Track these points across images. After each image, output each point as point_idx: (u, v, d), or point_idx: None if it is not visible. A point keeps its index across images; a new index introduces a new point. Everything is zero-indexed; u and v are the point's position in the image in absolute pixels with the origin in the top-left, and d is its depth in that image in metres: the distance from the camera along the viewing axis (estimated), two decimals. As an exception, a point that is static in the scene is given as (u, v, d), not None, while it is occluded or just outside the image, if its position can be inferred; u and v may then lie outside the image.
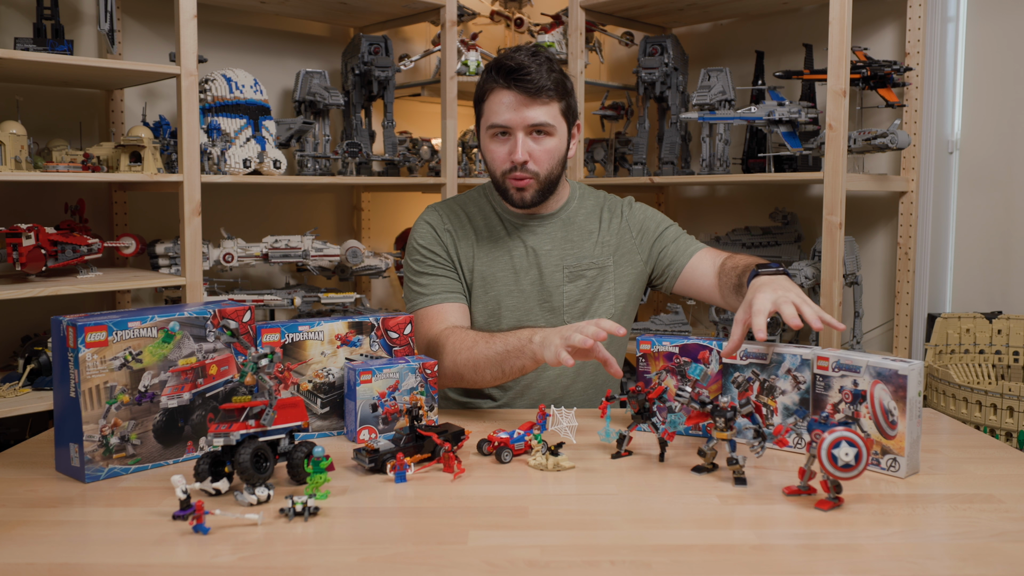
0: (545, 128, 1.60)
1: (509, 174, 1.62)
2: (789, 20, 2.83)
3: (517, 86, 1.57)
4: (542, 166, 1.61)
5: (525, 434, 1.32)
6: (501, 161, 1.62)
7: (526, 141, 1.59)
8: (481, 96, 1.64)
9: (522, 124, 1.58)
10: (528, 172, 1.61)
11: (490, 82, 1.61)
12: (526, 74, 1.56)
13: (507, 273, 1.70)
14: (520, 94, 1.57)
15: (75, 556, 0.97)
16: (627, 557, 0.95)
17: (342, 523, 1.06)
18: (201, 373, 1.29)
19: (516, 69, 1.56)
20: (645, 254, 1.75)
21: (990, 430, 2.09)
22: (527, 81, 1.56)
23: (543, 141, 1.61)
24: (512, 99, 1.58)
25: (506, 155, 1.61)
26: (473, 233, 1.72)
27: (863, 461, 1.07)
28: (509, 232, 1.72)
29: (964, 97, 2.51)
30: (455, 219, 1.74)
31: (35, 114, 2.29)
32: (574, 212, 1.75)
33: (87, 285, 2.04)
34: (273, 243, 2.49)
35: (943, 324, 2.42)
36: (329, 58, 2.99)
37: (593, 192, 1.82)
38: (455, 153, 2.77)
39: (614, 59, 3.36)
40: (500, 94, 1.59)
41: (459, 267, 1.71)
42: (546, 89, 1.57)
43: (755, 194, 2.97)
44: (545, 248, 1.71)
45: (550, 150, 1.62)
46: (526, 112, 1.58)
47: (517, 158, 1.58)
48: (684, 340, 1.44)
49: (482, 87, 1.64)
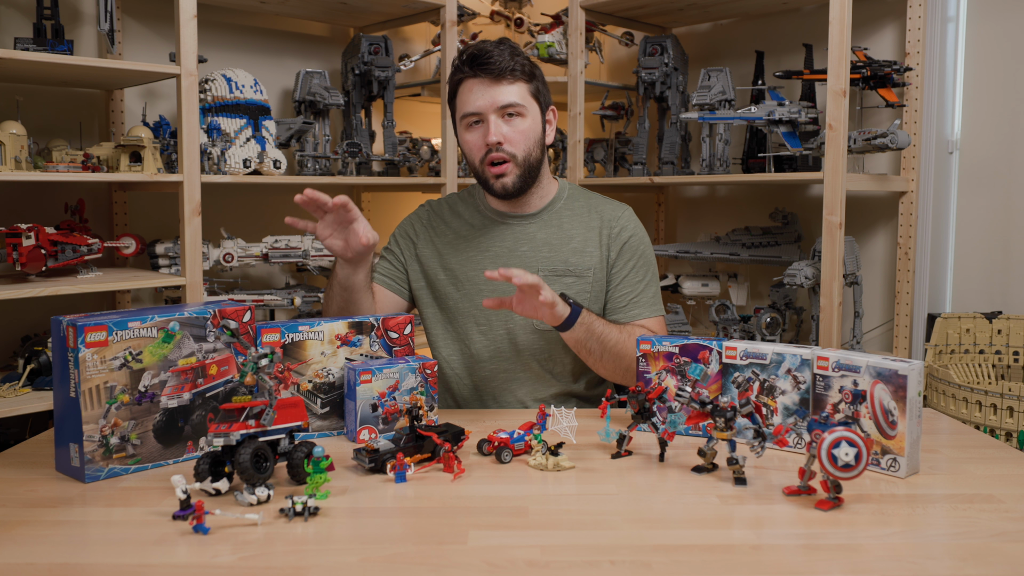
0: (515, 108, 1.62)
1: (486, 160, 1.63)
2: (789, 20, 2.83)
3: (482, 70, 1.60)
4: (518, 147, 1.63)
5: (525, 434, 1.32)
6: (478, 149, 1.64)
7: (498, 123, 1.61)
8: (453, 92, 1.67)
9: (492, 107, 1.60)
10: (504, 153, 1.62)
11: (457, 74, 1.64)
12: (488, 57, 1.59)
13: (479, 272, 1.70)
14: (485, 77, 1.60)
15: (75, 556, 0.97)
16: (627, 557, 0.95)
17: (342, 523, 1.06)
18: (201, 373, 1.29)
19: (478, 55, 1.60)
20: (606, 276, 1.71)
21: (990, 430, 2.09)
22: (490, 64, 1.59)
23: (515, 122, 1.62)
24: (479, 84, 1.61)
25: (481, 141, 1.63)
26: (452, 231, 1.75)
27: (863, 461, 1.07)
28: (489, 230, 1.73)
29: (964, 97, 2.51)
30: (437, 217, 1.78)
31: (35, 114, 2.29)
32: (558, 213, 1.73)
33: (87, 285, 2.04)
34: (273, 243, 2.49)
35: (943, 324, 2.42)
36: (329, 58, 2.99)
37: (585, 193, 1.79)
38: (455, 153, 2.77)
39: (614, 59, 3.36)
40: (468, 83, 1.62)
41: (417, 264, 1.75)
42: (510, 69, 1.60)
43: (755, 194, 2.97)
44: (521, 249, 1.70)
45: (524, 131, 1.63)
46: (494, 94, 1.60)
47: (491, 139, 1.60)
48: (684, 340, 1.44)
49: (451, 82, 1.67)
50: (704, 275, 2.85)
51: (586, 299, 1.68)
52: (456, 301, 1.71)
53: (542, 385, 1.71)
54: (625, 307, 1.69)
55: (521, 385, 1.70)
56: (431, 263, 1.74)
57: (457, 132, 1.69)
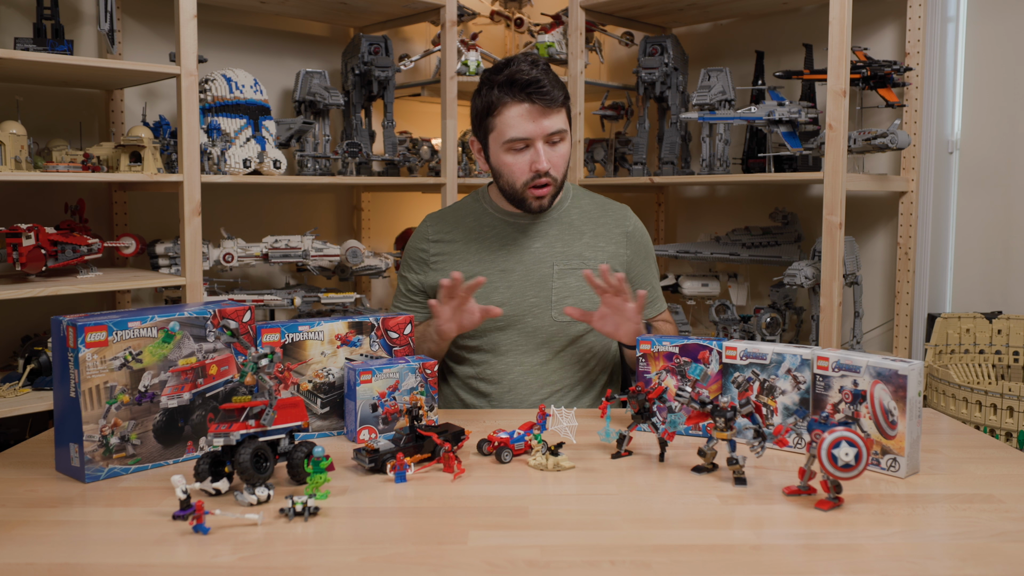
0: (560, 135, 1.66)
1: (531, 184, 1.66)
2: (789, 20, 2.83)
3: (535, 99, 1.61)
4: (559, 171, 1.68)
5: (525, 434, 1.32)
6: (521, 172, 1.66)
7: (547, 150, 1.64)
8: (493, 109, 1.64)
9: (542, 134, 1.63)
10: (550, 179, 1.66)
11: (503, 96, 1.62)
12: (542, 86, 1.61)
13: (493, 269, 1.72)
14: (537, 105, 1.61)
15: (75, 556, 0.97)
16: (627, 557, 0.95)
17: (342, 523, 1.06)
18: (201, 373, 1.29)
19: (532, 83, 1.60)
20: (623, 269, 1.76)
21: (990, 430, 2.09)
22: (544, 93, 1.61)
23: (559, 147, 1.67)
24: (530, 112, 1.62)
25: (526, 166, 1.65)
26: (461, 236, 1.77)
27: (863, 461, 1.07)
28: (500, 232, 1.75)
29: (964, 97, 2.51)
30: (442, 226, 1.80)
31: (35, 114, 2.29)
32: (567, 211, 1.78)
33: (87, 285, 2.04)
34: (273, 243, 2.48)
35: (943, 324, 2.42)
36: (329, 58, 2.99)
37: (588, 193, 1.85)
38: (455, 153, 2.77)
39: (614, 59, 3.36)
40: (515, 107, 1.62)
41: (435, 278, 1.75)
42: (559, 101, 1.63)
43: (755, 194, 2.97)
44: (535, 245, 1.74)
45: (564, 154, 1.68)
46: (544, 123, 1.62)
47: (542, 167, 1.63)
48: (684, 340, 1.44)
49: (491, 101, 1.64)
50: (704, 275, 2.85)
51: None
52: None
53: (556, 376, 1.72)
54: (651, 303, 1.80)
55: (536, 378, 1.72)
56: (445, 270, 1.75)
57: (489, 146, 1.69)
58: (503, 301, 1.70)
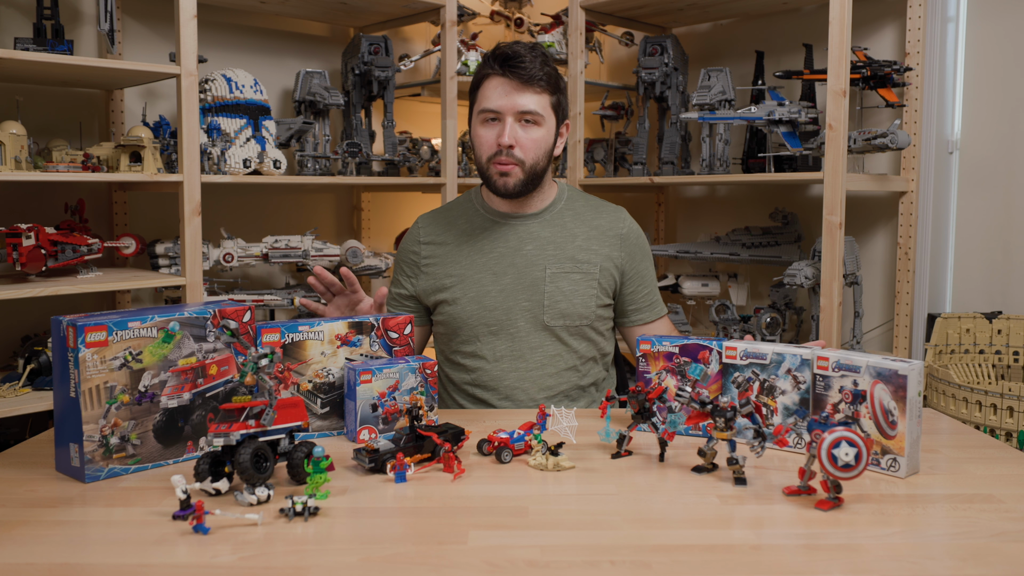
0: (533, 117, 1.64)
1: (494, 159, 1.65)
2: (789, 20, 2.83)
3: (511, 72, 1.62)
4: (527, 154, 1.65)
5: (525, 434, 1.32)
6: (488, 146, 1.66)
7: (514, 127, 1.63)
8: (476, 83, 1.69)
9: (512, 110, 1.63)
10: (513, 158, 1.64)
11: (486, 68, 1.67)
12: (520, 61, 1.62)
13: (485, 273, 1.71)
14: (512, 80, 1.62)
15: (75, 556, 0.97)
16: (627, 557, 0.95)
17: (342, 523, 1.06)
18: (201, 373, 1.29)
19: (511, 56, 1.62)
20: (619, 277, 1.76)
21: (990, 430, 2.09)
22: (521, 68, 1.61)
23: (531, 130, 1.65)
24: (504, 85, 1.63)
25: (493, 139, 1.65)
26: (452, 237, 1.76)
27: (863, 461, 1.07)
28: (491, 231, 1.74)
29: (964, 97, 2.51)
30: (434, 227, 1.80)
31: (35, 114, 2.29)
32: (560, 213, 1.76)
33: (87, 285, 2.04)
34: (273, 243, 2.49)
35: (943, 324, 2.42)
36: (329, 58, 2.99)
37: (583, 195, 1.83)
38: (455, 153, 2.77)
39: (614, 59, 3.36)
40: (493, 80, 1.64)
41: (426, 281, 1.76)
42: (538, 79, 1.63)
43: (755, 194, 2.97)
44: (527, 248, 1.72)
45: (536, 140, 1.65)
46: (517, 98, 1.62)
47: (503, 141, 1.62)
48: (684, 340, 1.44)
49: (478, 74, 1.69)
50: (704, 275, 2.85)
51: (593, 295, 1.70)
52: (463, 305, 1.71)
53: (552, 381, 1.71)
54: (651, 305, 1.79)
55: (532, 383, 1.71)
56: (437, 273, 1.75)
57: (471, 121, 1.71)
58: (495, 305, 1.69)
